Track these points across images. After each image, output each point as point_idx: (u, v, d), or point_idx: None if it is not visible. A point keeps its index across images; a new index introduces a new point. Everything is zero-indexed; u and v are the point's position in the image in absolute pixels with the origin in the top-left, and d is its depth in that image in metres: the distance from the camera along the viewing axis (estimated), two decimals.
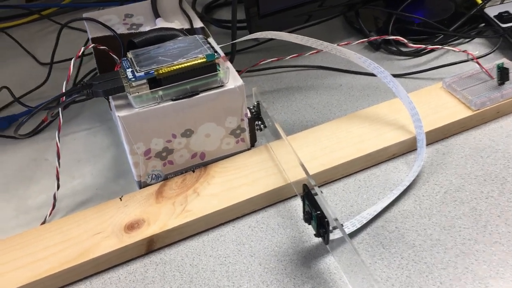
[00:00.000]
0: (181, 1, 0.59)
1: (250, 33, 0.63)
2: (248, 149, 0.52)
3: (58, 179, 0.49)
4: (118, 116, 0.44)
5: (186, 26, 0.55)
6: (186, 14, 0.56)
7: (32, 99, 0.66)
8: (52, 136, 0.59)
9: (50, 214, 0.49)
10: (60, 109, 0.46)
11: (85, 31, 0.56)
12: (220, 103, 0.47)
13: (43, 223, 0.48)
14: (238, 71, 0.64)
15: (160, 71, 0.43)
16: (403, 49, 0.65)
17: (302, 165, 0.44)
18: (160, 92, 0.44)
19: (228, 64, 0.48)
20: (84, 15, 0.59)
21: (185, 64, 0.44)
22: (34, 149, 0.58)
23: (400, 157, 0.51)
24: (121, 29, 0.56)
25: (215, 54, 0.45)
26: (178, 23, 0.55)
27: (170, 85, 0.44)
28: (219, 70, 0.45)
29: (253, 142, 0.52)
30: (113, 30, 0.55)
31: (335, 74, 0.64)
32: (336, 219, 0.38)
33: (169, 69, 0.43)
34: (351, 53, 0.50)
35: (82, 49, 0.48)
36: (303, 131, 0.53)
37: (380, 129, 0.51)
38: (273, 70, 0.66)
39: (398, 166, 0.50)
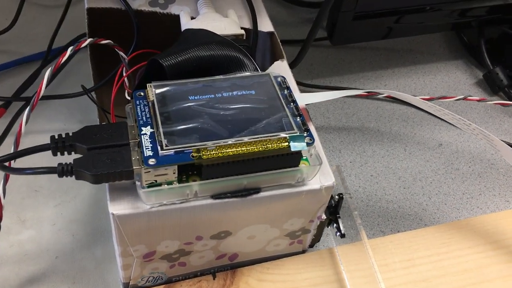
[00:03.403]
0: None
1: (329, 35, 0.42)
2: (303, 252, 0.33)
3: None
4: (112, 213, 0.24)
5: (245, 23, 0.34)
6: (251, 9, 0.34)
7: None
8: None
9: None
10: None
11: None
12: (290, 205, 0.27)
13: None
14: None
15: (204, 155, 0.23)
16: None
17: None
18: (196, 187, 0.24)
19: (315, 138, 0.28)
20: None
21: (251, 148, 0.24)
22: None
23: None
24: (139, 1, 0.34)
25: (306, 135, 0.25)
26: (233, 17, 0.33)
27: (217, 179, 0.24)
28: (303, 159, 0.25)
29: (313, 243, 0.33)
30: (126, 1, 0.34)
31: (433, 121, 0.44)
32: None
33: (221, 153, 0.23)
34: (508, 148, 0.31)
35: (68, 52, 0.27)
36: (387, 237, 0.35)
37: (505, 265, 0.33)
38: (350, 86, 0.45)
39: None
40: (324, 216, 0.30)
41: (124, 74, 0.31)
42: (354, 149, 0.41)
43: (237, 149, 0.24)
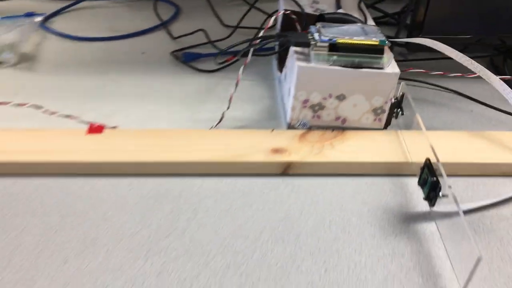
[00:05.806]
0: (360, 2, 0.71)
1: (406, 46, 0.73)
2: (381, 129, 0.62)
3: (230, 101, 0.62)
4: (297, 65, 0.56)
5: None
6: (363, 13, 0.68)
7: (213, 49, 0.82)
8: (226, 76, 0.74)
9: (216, 125, 0.62)
10: (251, 50, 0.59)
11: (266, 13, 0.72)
12: (376, 82, 0.57)
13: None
14: None
15: (340, 41, 0.55)
16: None
17: (431, 147, 0.53)
18: (335, 57, 0.56)
19: (391, 54, 0.58)
20: None
21: (361, 42, 0.55)
22: (210, 81, 0.73)
23: (510, 178, 0.58)
24: (308, 10, 0.69)
25: (386, 41, 0.56)
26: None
27: (344, 53, 0.56)
28: (384, 56, 0.56)
29: (387, 125, 0.62)
30: (302, 8, 0.69)
31: (468, 101, 0.72)
32: (450, 186, 0.47)
33: (348, 41, 0.55)
34: (503, 86, 0.58)
35: (272, 19, 0.61)
36: (432, 131, 0.62)
37: (500, 150, 0.59)
38: (413, 82, 0.75)
39: (505, 183, 0.57)
40: (393, 99, 0.59)
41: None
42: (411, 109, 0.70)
43: (356, 42, 0.55)
